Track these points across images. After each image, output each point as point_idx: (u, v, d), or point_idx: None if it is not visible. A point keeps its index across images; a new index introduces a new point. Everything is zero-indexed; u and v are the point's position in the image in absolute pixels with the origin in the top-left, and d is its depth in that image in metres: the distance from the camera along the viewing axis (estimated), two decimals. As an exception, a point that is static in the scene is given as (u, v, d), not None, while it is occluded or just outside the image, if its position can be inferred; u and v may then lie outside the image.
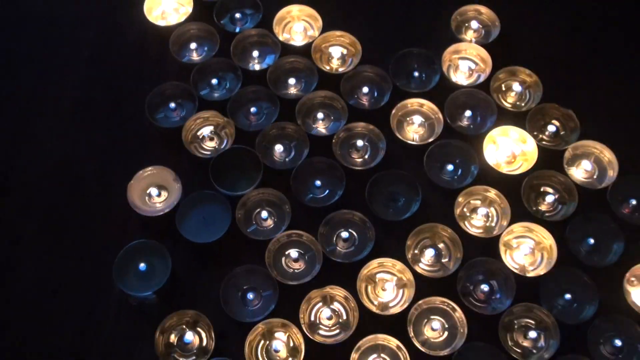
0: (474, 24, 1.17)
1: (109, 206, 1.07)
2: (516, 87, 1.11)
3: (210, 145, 1.11)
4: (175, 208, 1.04)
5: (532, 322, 0.95)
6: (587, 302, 0.95)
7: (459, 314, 0.95)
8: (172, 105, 1.13)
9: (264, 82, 1.14)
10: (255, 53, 1.18)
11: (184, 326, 0.96)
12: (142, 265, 1.00)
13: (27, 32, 1.23)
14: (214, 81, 1.16)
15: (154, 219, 1.04)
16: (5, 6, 1.25)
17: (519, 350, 0.93)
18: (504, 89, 1.15)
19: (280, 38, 1.20)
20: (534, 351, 0.93)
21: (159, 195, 1.05)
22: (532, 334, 0.93)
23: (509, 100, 1.12)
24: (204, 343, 0.96)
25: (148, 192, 1.06)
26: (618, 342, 0.93)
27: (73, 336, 1.01)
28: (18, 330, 1.01)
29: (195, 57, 1.18)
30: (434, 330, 0.94)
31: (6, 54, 1.20)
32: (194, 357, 0.95)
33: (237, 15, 1.22)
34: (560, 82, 1.15)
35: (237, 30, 1.21)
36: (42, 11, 1.26)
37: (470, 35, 1.18)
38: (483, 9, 1.18)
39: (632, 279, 0.97)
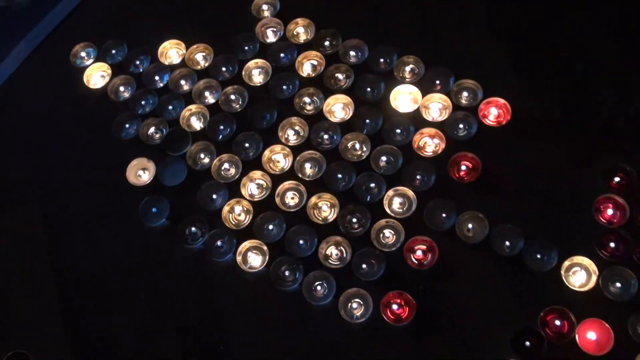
0: (265, 7, 1.63)
1: (121, 189, 1.50)
2: (300, 30, 1.61)
3: (157, 135, 1.53)
4: (156, 175, 1.47)
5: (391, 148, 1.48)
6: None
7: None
8: (127, 125, 1.56)
9: (170, 91, 1.58)
10: (157, 77, 1.60)
11: (189, 225, 1.43)
12: (154, 209, 1.45)
13: (31, 120, 1.69)
14: (143, 102, 1.57)
15: (147, 185, 1.48)
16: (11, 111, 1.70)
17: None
18: (295, 33, 1.61)
19: (166, 63, 1.60)
20: (391, 161, 1.46)
21: (144, 173, 1.48)
22: (384, 160, 1.47)
23: (301, 38, 1.60)
24: (203, 230, 1.42)
25: (138, 174, 1.48)
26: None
27: (124, 252, 1.48)
28: (84, 261, 1.49)
29: (126, 94, 1.59)
30: (310, 168, 1.52)
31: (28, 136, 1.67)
32: (201, 238, 1.41)
33: (137, 62, 1.63)
34: (326, 15, 1.64)
35: (141, 70, 1.61)
36: (33, 103, 1.71)
37: (265, 12, 1.62)
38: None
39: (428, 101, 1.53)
